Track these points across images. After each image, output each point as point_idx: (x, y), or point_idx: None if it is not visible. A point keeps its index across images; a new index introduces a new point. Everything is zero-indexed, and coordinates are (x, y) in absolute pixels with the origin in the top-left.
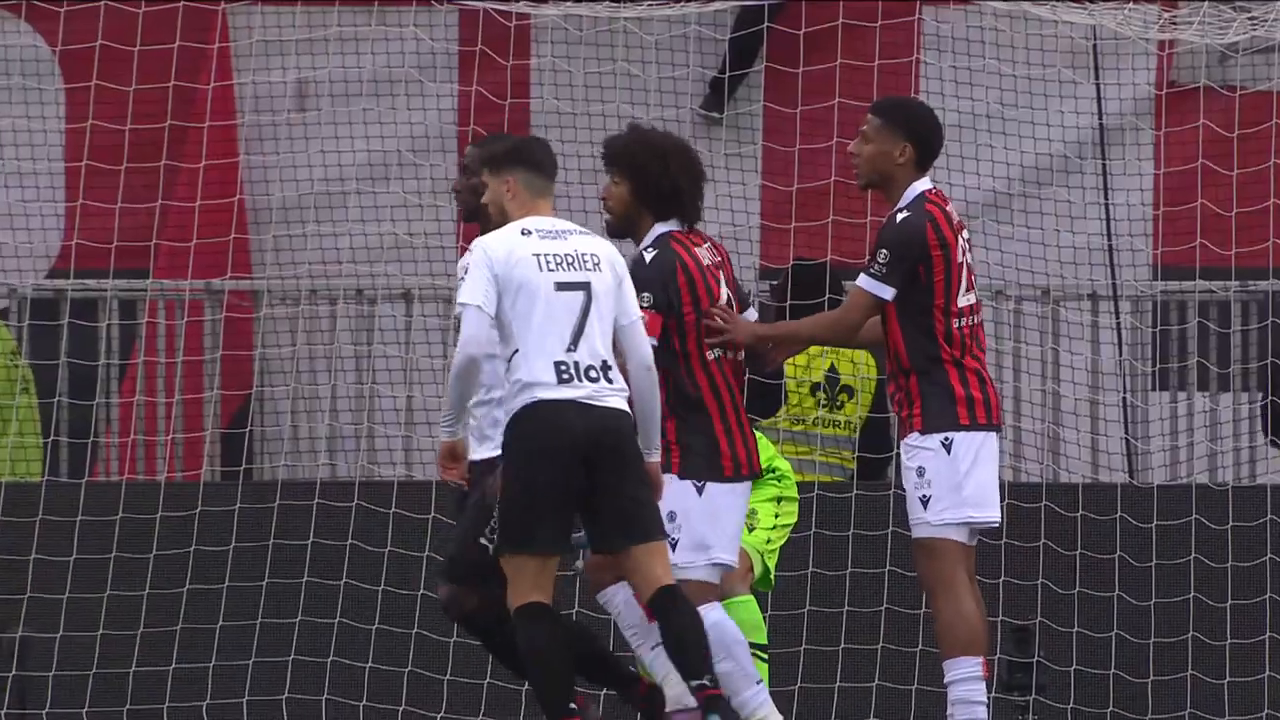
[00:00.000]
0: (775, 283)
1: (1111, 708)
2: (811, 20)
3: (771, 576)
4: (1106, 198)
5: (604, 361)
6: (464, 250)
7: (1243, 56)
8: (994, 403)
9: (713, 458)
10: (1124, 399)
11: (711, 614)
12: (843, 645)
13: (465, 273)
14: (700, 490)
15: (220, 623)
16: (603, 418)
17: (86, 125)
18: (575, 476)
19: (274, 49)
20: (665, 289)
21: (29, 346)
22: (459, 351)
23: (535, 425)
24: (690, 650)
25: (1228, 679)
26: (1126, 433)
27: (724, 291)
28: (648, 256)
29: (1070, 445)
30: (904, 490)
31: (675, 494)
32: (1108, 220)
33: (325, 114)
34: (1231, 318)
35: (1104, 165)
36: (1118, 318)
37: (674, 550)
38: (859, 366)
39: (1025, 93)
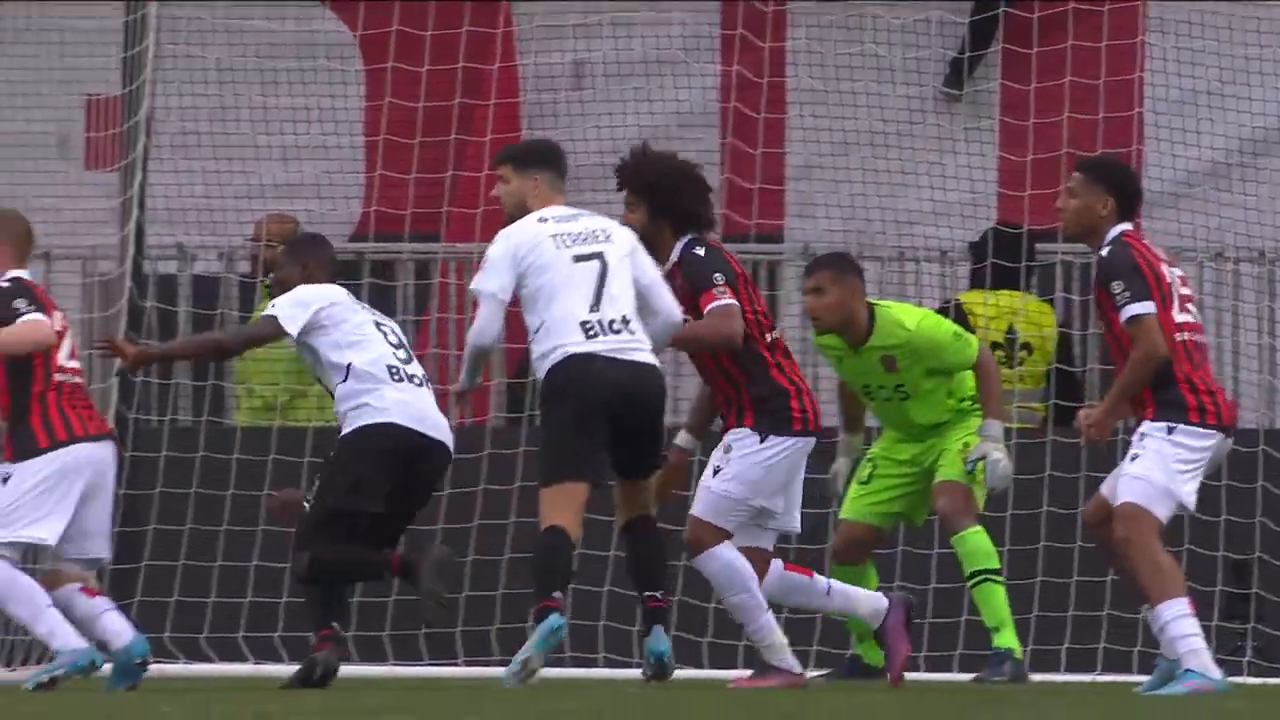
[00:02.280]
0: (974, 241)
1: None
2: (1044, 4)
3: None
4: None
5: (624, 316)
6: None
7: None
8: (1222, 408)
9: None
10: None
11: (726, 554)
12: (1075, 578)
13: (484, 264)
14: (763, 441)
15: (506, 555)
16: (629, 369)
17: (384, 104)
18: (603, 418)
19: (553, 33)
20: (728, 268)
21: None
22: (472, 341)
23: (568, 374)
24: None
25: None
26: None
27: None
28: (699, 251)
29: None
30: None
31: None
32: None
33: (599, 92)
34: None
35: None
36: None
37: (714, 476)
38: (1036, 326)
39: (1242, 70)
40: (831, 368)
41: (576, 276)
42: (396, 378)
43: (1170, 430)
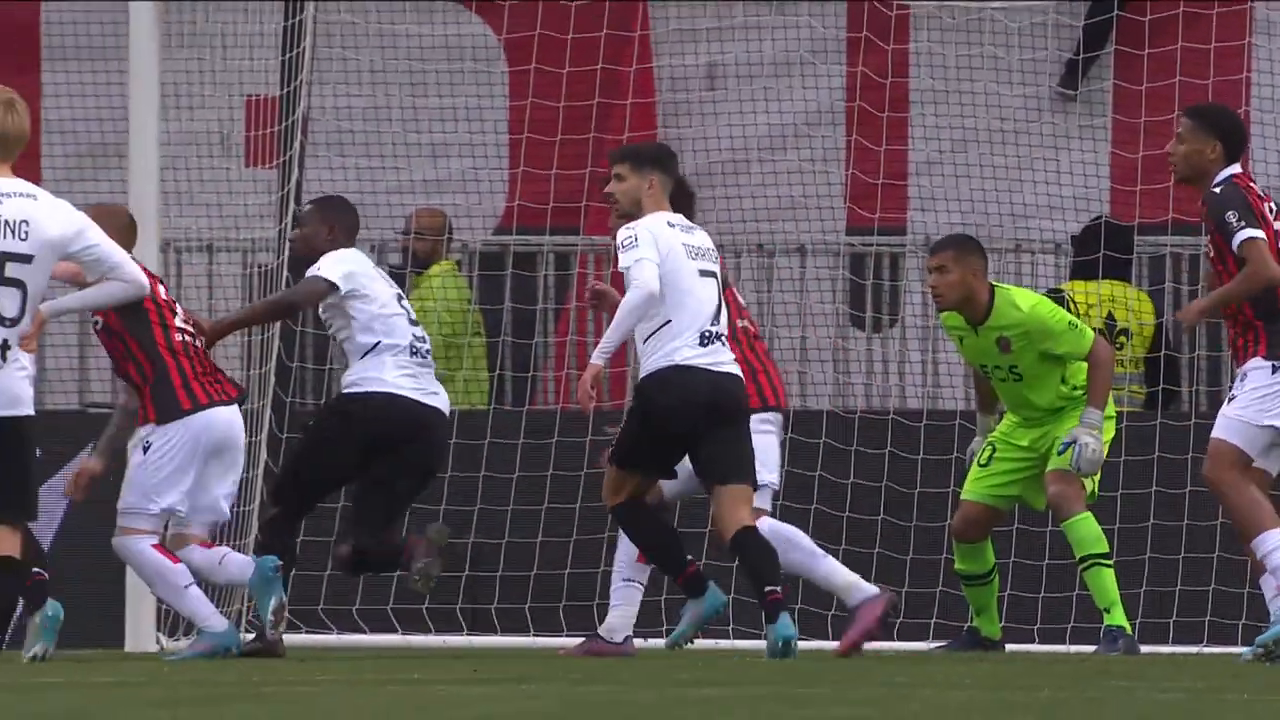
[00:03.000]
0: (1076, 235)
1: None
2: (1156, 8)
3: (1094, 492)
4: None
5: (723, 333)
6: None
7: None
8: None
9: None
10: None
11: (764, 524)
12: (1182, 554)
13: (632, 242)
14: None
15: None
16: (726, 378)
17: (526, 103)
18: (700, 422)
19: (687, 35)
20: None
21: (479, 294)
22: (639, 289)
23: (675, 380)
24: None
25: None
26: None
27: None
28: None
29: None
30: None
31: None
32: None
33: (731, 92)
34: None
35: None
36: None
37: None
38: (1135, 315)
39: None
40: (957, 351)
41: (700, 290)
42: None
43: (1275, 368)
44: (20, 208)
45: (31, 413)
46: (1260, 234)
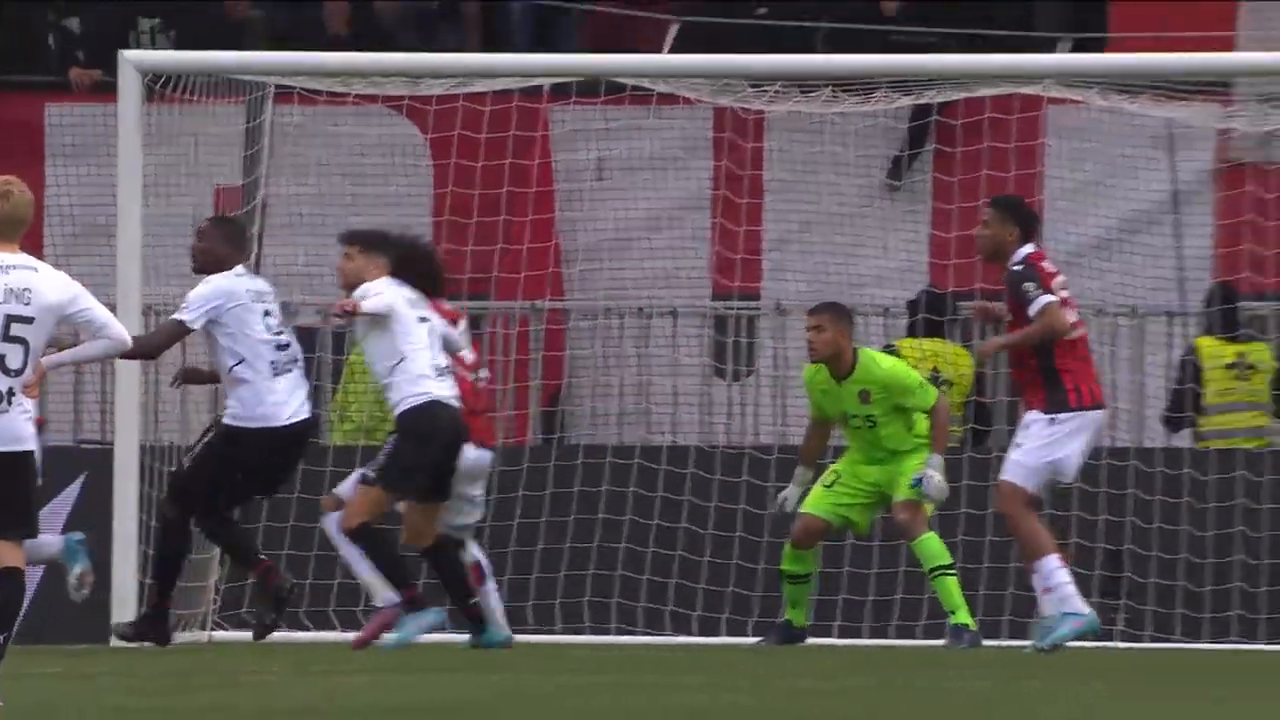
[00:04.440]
0: (910, 301)
1: (1179, 609)
2: (967, 112)
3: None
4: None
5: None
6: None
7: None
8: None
9: None
10: None
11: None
12: (985, 564)
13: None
14: None
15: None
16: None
17: (447, 190)
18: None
19: (581, 135)
20: None
21: None
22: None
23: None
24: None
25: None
26: None
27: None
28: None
29: None
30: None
31: None
32: (1180, 262)
33: (617, 182)
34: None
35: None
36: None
37: None
38: (954, 367)
39: (1120, 165)
40: (809, 406)
41: (422, 333)
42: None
43: (1051, 420)
44: (23, 278)
45: (34, 448)
46: (1054, 298)
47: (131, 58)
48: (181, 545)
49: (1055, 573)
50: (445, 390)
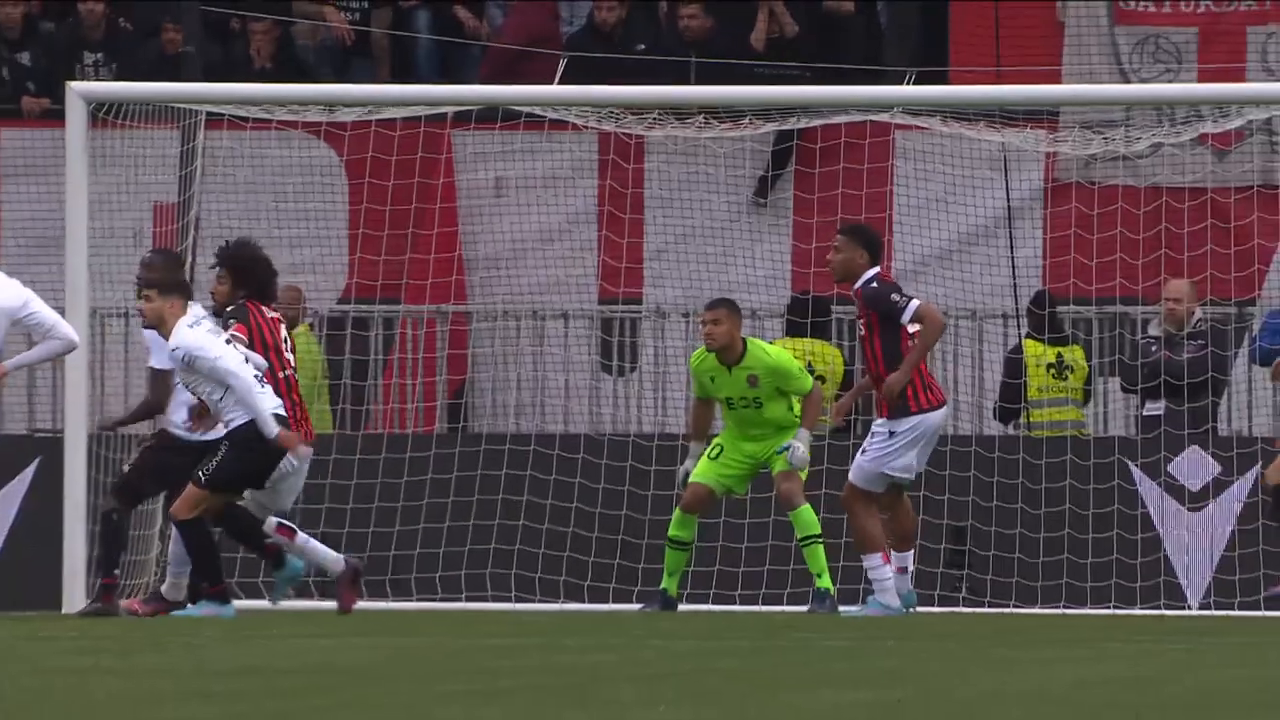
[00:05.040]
0: (789, 303)
1: (1015, 578)
2: (825, 138)
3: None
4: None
5: None
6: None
7: (1100, 162)
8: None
9: None
10: None
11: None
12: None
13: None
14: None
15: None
16: None
17: (361, 207)
18: None
19: (481, 156)
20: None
21: (326, 347)
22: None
23: None
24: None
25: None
26: None
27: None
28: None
29: None
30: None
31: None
32: (1014, 270)
33: (513, 198)
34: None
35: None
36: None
37: None
38: (828, 363)
39: (959, 184)
40: (694, 388)
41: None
42: None
43: (893, 422)
44: None
45: None
46: (921, 301)
47: (78, 88)
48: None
49: (880, 569)
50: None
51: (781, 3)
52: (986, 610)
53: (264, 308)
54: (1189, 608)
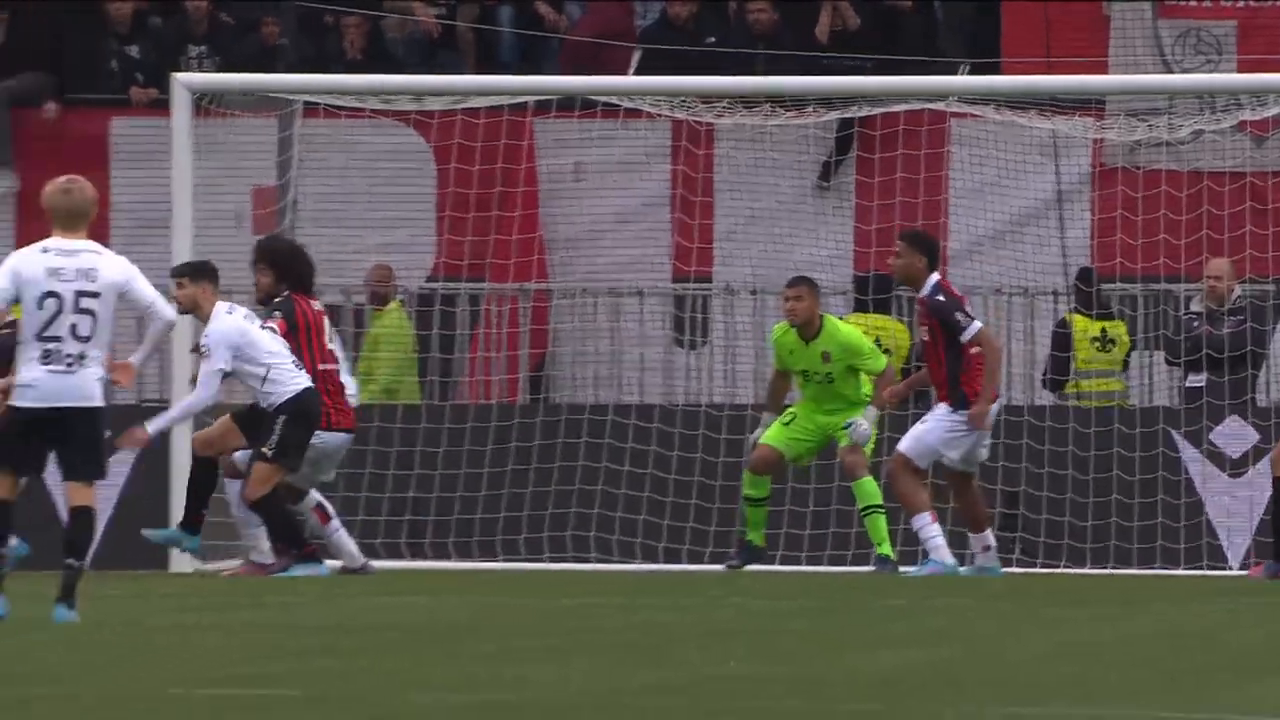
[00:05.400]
0: (856, 281)
1: (1065, 540)
2: (885, 125)
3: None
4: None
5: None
6: None
7: (1145, 148)
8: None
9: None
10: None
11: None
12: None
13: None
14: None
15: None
16: None
17: (449, 191)
18: None
19: (561, 142)
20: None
21: (416, 323)
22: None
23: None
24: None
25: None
26: None
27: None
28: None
29: None
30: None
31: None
32: (1064, 249)
33: (591, 182)
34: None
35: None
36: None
37: None
38: (895, 338)
39: (1011, 169)
40: (774, 360)
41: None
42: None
43: (953, 411)
44: (89, 260)
45: (101, 404)
46: (981, 323)
47: (183, 79)
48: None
49: (928, 527)
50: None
51: None
52: (1038, 571)
53: (310, 300)
54: (1230, 568)
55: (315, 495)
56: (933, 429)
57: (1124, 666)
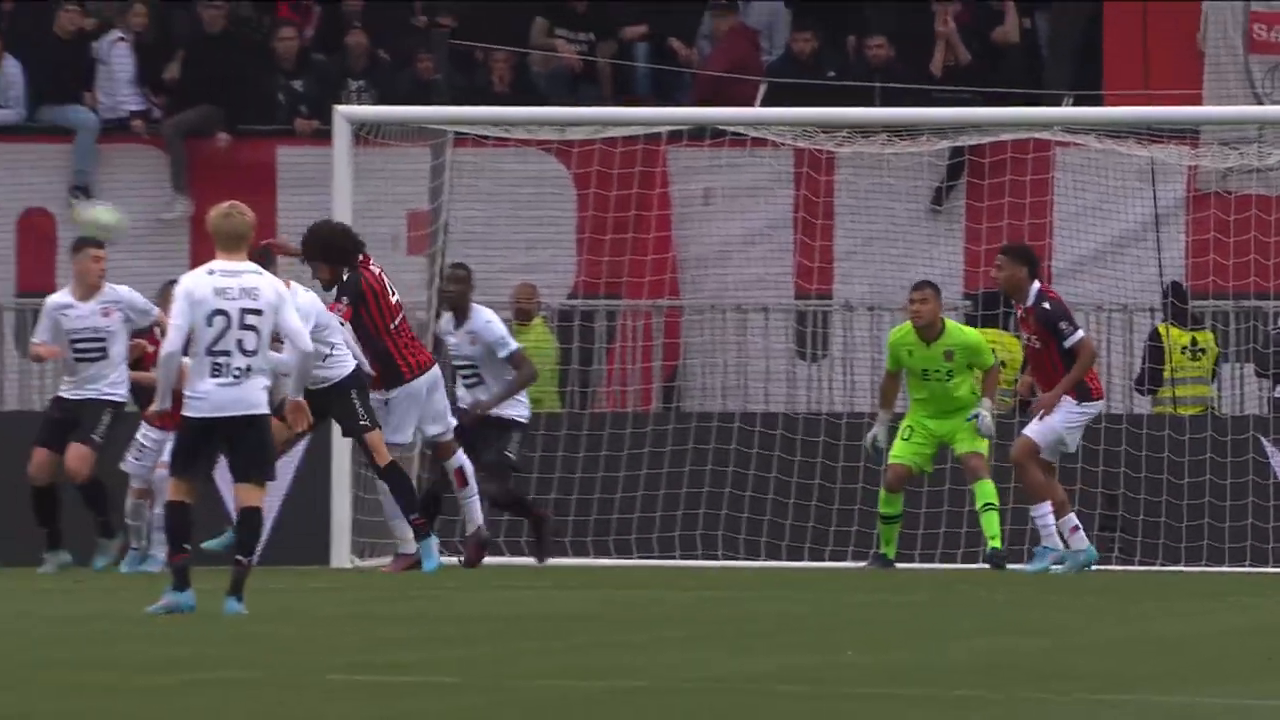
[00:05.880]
0: (970, 298)
1: (1162, 539)
2: (993, 153)
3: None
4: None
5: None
6: None
7: (1236, 174)
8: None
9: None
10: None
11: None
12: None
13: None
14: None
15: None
16: None
17: (588, 214)
18: None
19: (691, 169)
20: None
21: (558, 337)
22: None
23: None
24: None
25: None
26: None
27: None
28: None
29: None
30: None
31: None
32: (1160, 269)
33: (720, 206)
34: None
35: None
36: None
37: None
38: (1007, 350)
39: (1111, 194)
40: (887, 361)
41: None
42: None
43: (1080, 404)
44: (251, 280)
45: (268, 412)
46: (1084, 333)
47: (343, 111)
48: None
49: (1047, 515)
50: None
51: (956, 35)
52: (1136, 568)
53: (368, 265)
54: None
55: (459, 457)
56: (1060, 418)
57: (1215, 657)
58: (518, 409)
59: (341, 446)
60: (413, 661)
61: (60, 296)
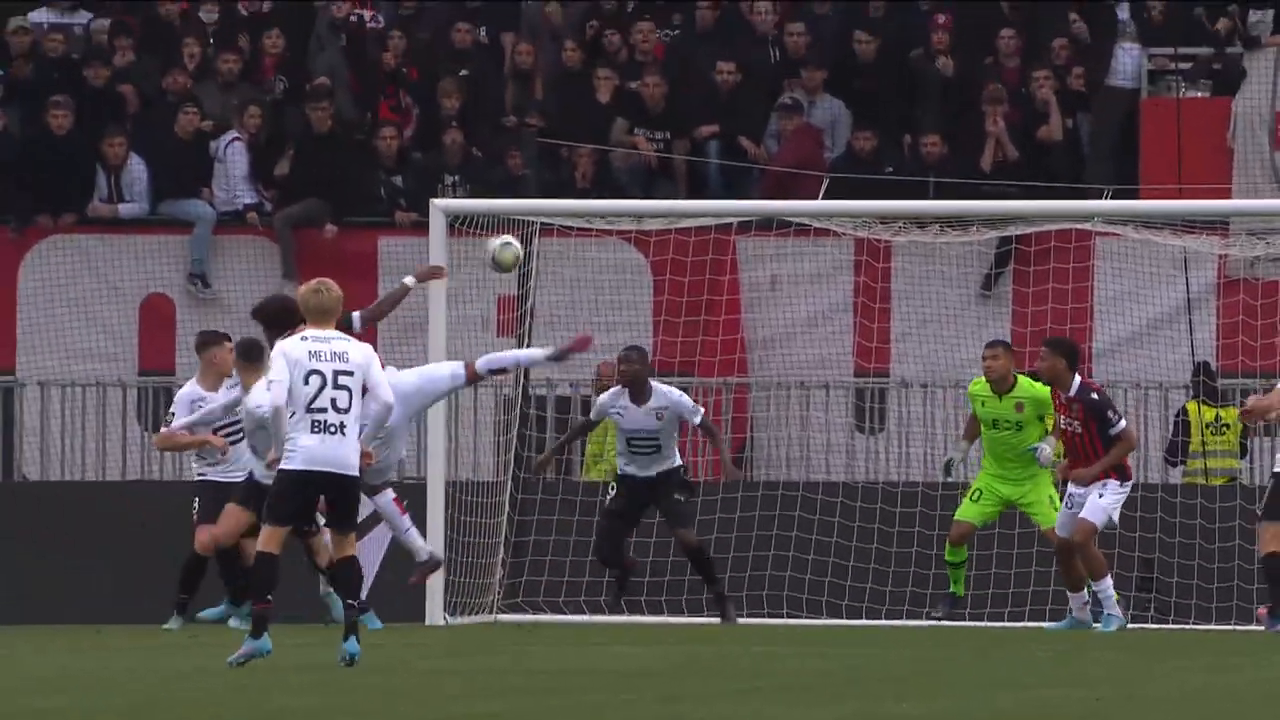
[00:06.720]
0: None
1: (1194, 600)
2: (1038, 242)
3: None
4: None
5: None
6: None
7: (1264, 262)
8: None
9: None
10: None
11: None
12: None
13: None
14: None
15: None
16: None
17: (664, 298)
18: None
19: (759, 257)
20: None
21: None
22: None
23: None
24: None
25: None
26: None
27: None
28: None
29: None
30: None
31: None
32: (1193, 349)
33: (786, 290)
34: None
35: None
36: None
37: None
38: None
39: (1147, 278)
40: (971, 405)
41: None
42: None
43: (1121, 484)
44: (340, 345)
45: (358, 473)
46: (1126, 423)
47: (439, 204)
48: None
49: (1108, 588)
50: None
51: (1005, 133)
52: (1171, 627)
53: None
54: None
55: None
56: (1108, 500)
57: (1243, 710)
58: (675, 459)
59: (435, 511)
60: (489, 712)
61: (191, 389)
